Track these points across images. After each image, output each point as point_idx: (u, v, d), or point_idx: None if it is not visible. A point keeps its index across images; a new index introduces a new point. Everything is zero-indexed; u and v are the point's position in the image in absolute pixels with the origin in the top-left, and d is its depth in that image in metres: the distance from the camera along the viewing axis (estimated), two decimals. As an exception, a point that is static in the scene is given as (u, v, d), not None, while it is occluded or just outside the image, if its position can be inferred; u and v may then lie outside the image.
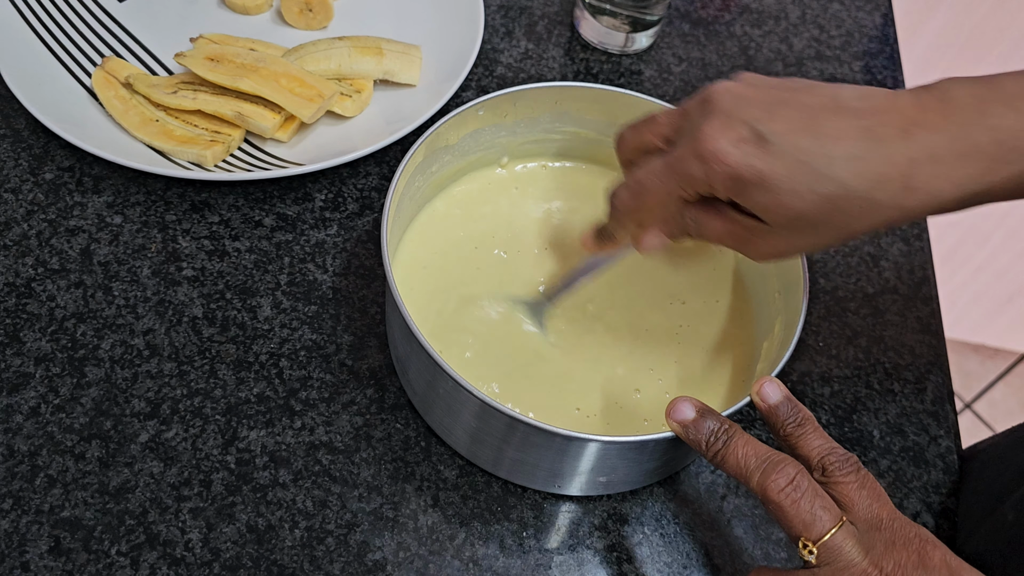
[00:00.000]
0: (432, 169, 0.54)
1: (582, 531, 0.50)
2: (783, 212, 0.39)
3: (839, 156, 0.38)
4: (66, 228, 0.58)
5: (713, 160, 0.39)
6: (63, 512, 0.47)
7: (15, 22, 0.65)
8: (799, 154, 0.38)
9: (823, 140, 0.38)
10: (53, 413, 0.50)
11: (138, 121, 0.61)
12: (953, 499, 0.54)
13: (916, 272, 0.63)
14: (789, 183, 0.38)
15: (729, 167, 0.39)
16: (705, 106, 0.41)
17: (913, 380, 0.58)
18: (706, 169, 0.39)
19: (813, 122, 0.39)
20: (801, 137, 0.38)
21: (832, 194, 0.38)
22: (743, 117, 0.39)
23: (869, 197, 0.38)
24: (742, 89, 0.41)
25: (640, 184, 0.43)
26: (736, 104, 0.40)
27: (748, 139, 0.39)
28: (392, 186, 0.48)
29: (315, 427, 0.51)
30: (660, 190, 0.42)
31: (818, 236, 0.40)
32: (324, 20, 0.70)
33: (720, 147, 0.39)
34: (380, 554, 0.48)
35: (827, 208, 0.39)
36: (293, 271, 0.58)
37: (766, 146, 0.38)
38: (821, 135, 0.38)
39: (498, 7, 0.74)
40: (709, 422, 0.42)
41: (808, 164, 0.38)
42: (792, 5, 0.79)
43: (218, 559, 0.47)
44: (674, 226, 0.44)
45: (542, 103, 0.55)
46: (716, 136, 0.39)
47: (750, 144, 0.39)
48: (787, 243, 0.41)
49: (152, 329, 0.54)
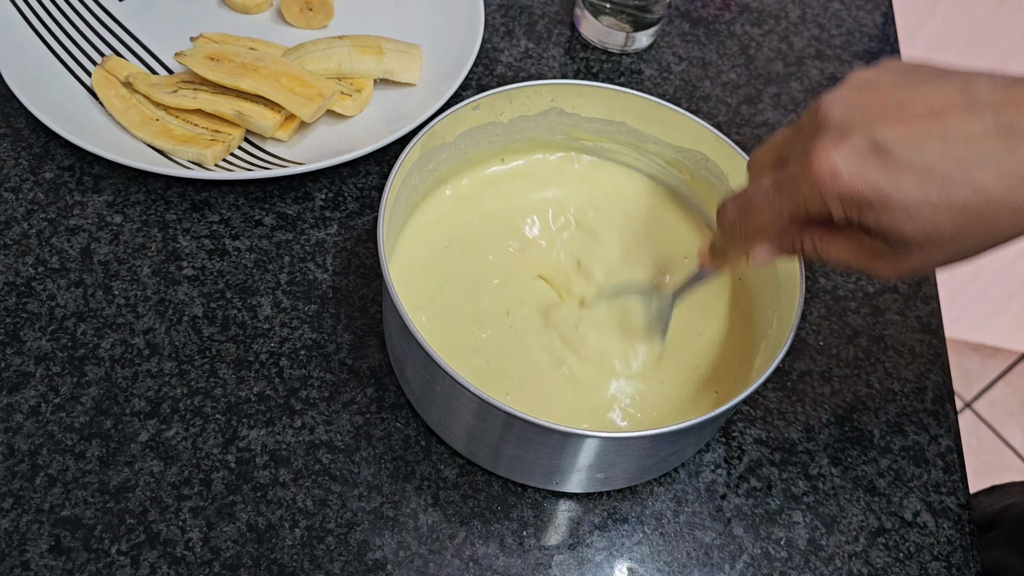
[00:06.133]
0: (429, 167, 0.54)
1: (582, 530, 0.50)
2: (914, 230, 0.35)
3: (974, 159, 0.34)
4: (66, 227, 0.58)
5: (825, 180, 0.35)
6: (63, 511, 0.47)
7: (15, 22, 0.65)
8: (926, 162, 0.34)
9: (954, 143, 0.34)
10: (53, 412, 0.51)
11: (138, 120, 0.61)
12: (953, 498, 0.54)
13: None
14: (918, 197, 0.34)
15: (844, 187, 0.35)
16: (814, 118, 0.37)
17: (913, 379, 0.58)
18: (819, 190, 0.35)
19: (940, 123, 0.34)
20: (927, 143, 0.34)
21: (970, 202, 0.34)
22: (858, 127, 0.35)
23: (1015, 201, 0.34)
24: (856, 96, 0.36)
25: (748, 202, 0.40)
26: (849, 113, 0.36)
27: (865, 152, 0.35)
28: (388, 185, 0.48)
29: (315, 426, 0.52)
30: (768, 211, 0.39)
31: (958, 248, 0.36)
32: (324, 19, 0.70)
33: (832, 165, 0.35)
34: (380, 553, 0.48)
35: (966, 219, 0.34)
36: (293, 270, 0.58)
37: (886, 158, 0.34)
38: (951, 137, 0.34)
39: (498, 6, 0.74)
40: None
41: (939, 172, 0.34)
42: (792, 4, 0.79)
43: (218, 558, 0.47)
44: (787, 244, 0.41)
45: (538, 101, 0.55)
46: (828, 152, 0.35)
47: (868, 158, 0.35)
48: (923, 261, 0.37)
49: (152, 328, 0.54)
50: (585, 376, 0.51)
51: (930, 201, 0.34)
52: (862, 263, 0.39)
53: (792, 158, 0.38)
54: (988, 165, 0.34)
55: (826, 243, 0.39)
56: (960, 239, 0.35)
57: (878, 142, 0.34)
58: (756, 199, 0.39)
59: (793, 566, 0.50)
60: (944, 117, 0.34)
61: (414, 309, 0.52)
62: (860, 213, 0.36)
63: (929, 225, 0.35)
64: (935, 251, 0.36)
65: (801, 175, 0.36)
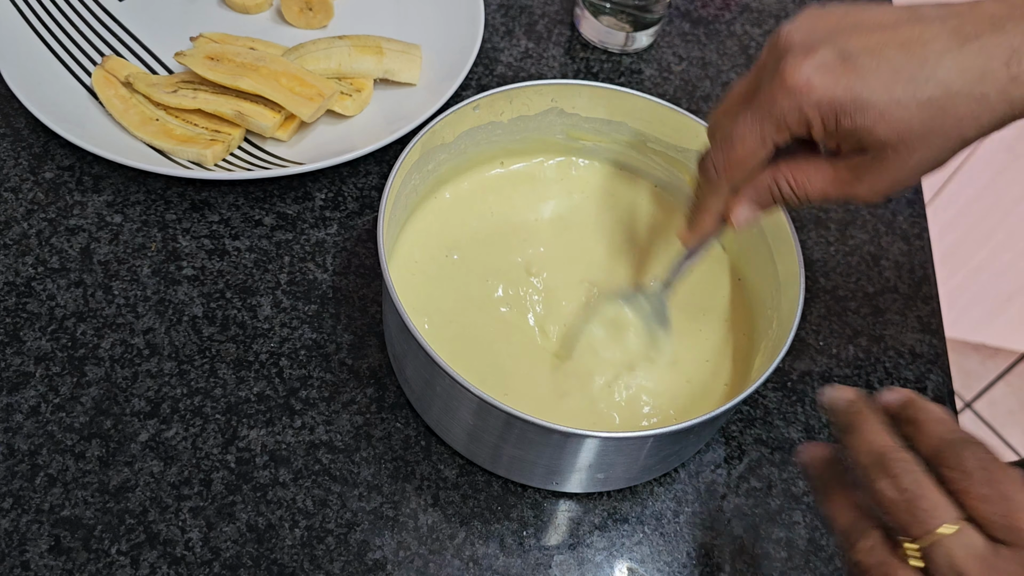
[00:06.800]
0: (429, 167, 0.54)
1: (582, 530, 0.50)
2: (887, 129, 0.37)
3: (933, 57, 0.37)
4: (66, 227, 0.58)
5: (803, 91, 0.37)
6: (63, 511, 0.47)
7: (15, 22, 0.65)
8: (891, 65, 0.37)
9: (912, 47, 0.37)
10: (53, 412, 0.51)
11: (138, 120, 0.61)
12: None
13: (916, 271, 0.63)
14: (887, 95, 0.37)
15: (820, 93, 0.37)
16: (777, 48, 0.39)
17: (913, 379, 0.58)
18: (797, 102, 0.38)
19: (896, 34, 0.37)
20: (889, 49, 0.37)
21: (934, 97, 0.37)
22: (823, 42, 0.38)
23: (974, 93, 0.37)
24: (812, 21, 0.39)
25: (728, 137, 0.41)
26: (811, 34, 0.38)
27: (834, 62, 0.37)
28: (388, 185, 0.48)
29: (315, 426, 0.51)
30: (750, 138, 0.40)
31: (928, 149, 0.38)
32: (324, 19, 0.70)
33: (806, 76, 0.37)
34: (380, 553, 0.48)
35: (933, 114, 0.37)
36: (293, 270, 0.58)
37: (854, 64, 0.37)
38: (909, 44, 0.37)
39: (498, 6, 0.74)
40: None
41: (903, 72, 0.37)
42: (792, 4, 0.79)
43: (218, 558, 0.47)
44: (764, 192, 0.42)
45: (538, 101, 0.55)
46: (800, 67, 0.38)
47: (837, 66, 0.37)
48: (898, 168, 0.39)
49: (152, 328, 0.54)
50: (585, 376, 0.51)
51: (899, 100, 0.37)
52: (841, 189, 0.41)
53: (763, 87, 0.40)
54: (945, 61, 0.37)
55: (802, 178, 0.41)
56: (930, 138, 0.38)
57: (844, 52, 0.37)
58: (736, 130, 0.41)
59: (793, 566, 0.50)
60: (899, 28, 0.38)
61: (414, 311, 0.52)
62: (837, 120, 0.38)
63: (901, 124, 0.37)
64: (907, 154, 0.38)
65: (778, 91, 0.38)
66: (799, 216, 0.65)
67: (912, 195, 0.68)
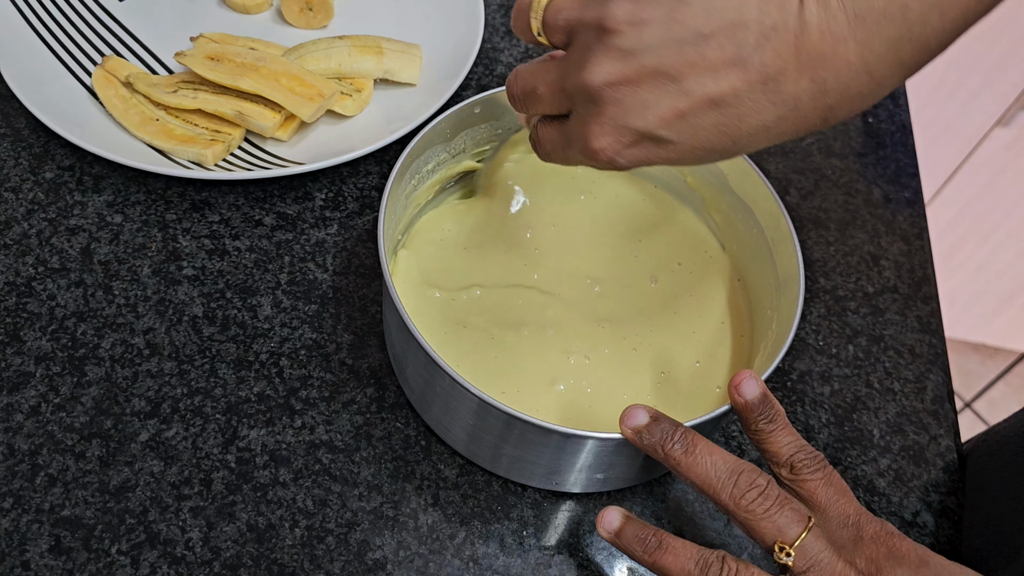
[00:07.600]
0: (429, 167, 0.54)
1: (582, 530, 0.50)
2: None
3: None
4: (66, 227, 0.58)
5: (600, 154, 0.39)
6: (63, 511, 0.47)
7: (15, 22, 0.65)
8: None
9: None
10: (53, 412, 0.51)
11: (138, 120, 0.61)
12: (953, 498, 0.54)
13: (916, 271, 0.63)
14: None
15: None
16: (583, 92, 0.38)
17: (913, 379, 0.58)
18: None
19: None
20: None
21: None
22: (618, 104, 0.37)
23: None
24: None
25: (526, 91, 0.42)
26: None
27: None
28: (388, 185, 0.48)
29: (315, 426, 0.52)
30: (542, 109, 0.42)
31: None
32: (324, 19, 0.70)
33: (605, 144, 0.38)
34: (380, 553, 0.48)
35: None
36: (293, 270, 0.58)
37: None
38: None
39: (498, 6, 0.74)
40: (664, 426, 0.42)
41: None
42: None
43: (218, 558, 0.47)
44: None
45: None
46: (599, 135, 0.38)
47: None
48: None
49: (152, 328, 0.54)
50: (585, 376, 0.51)
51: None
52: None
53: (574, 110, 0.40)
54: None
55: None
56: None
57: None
58: (535, 102, 0.42)
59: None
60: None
61: (414, 311, 0.52)
62: None
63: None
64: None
65: (579, 150, 0.40)
66: (799, 216, 0.65)
67: (912, 195, 0.68)
